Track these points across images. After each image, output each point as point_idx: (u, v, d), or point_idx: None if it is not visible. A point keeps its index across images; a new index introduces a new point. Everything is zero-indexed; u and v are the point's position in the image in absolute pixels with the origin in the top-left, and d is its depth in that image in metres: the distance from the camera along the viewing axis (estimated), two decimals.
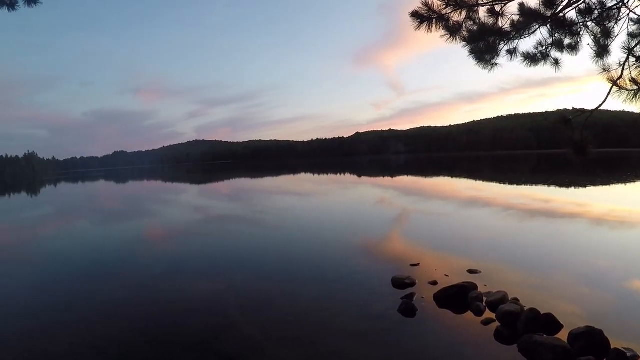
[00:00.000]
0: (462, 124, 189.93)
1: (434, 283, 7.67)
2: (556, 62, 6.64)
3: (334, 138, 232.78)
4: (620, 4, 5.99)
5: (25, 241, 15.66)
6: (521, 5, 6.14)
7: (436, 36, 6.21)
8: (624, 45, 5.70)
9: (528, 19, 6.15)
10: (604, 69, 5.92)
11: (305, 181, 41.56)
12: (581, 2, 6.06)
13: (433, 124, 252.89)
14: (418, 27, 6.03)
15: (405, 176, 42.19)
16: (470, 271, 8.26)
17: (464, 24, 6.24)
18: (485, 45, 6.39)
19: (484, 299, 6.64)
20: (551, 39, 6.52)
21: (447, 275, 8.05)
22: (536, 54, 6.62)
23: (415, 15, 6.01)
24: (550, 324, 5.62)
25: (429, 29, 6.03)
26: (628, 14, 5.96)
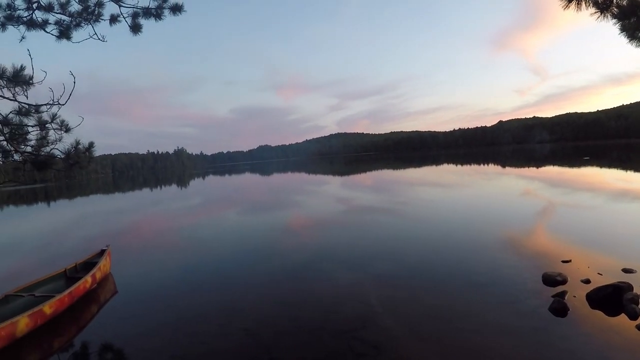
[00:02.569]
0: (610, 108, 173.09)
1: (587, 281, 7.25)
2: None
3: (476, 127, 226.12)
4: None
5: (178, 228, 17.10)
6: None
7: (577, 15, 5.83)
8: None
9: None
10: None
11: (447, 172, 40.51)
12: None
13: (579, 110, 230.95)
14: (567, 6, 5.68)
15: (551, 166, 39.25)
16: (625, 270, 7.63)
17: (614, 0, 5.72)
18: (636, 20, 5.80)
19: None
20: None
21: (600, 274, 7.54)
22: None
23: None
24: None
25: (578, 7, 5.61)
26: None
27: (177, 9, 6.68)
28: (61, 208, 34.72)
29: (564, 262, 8.43)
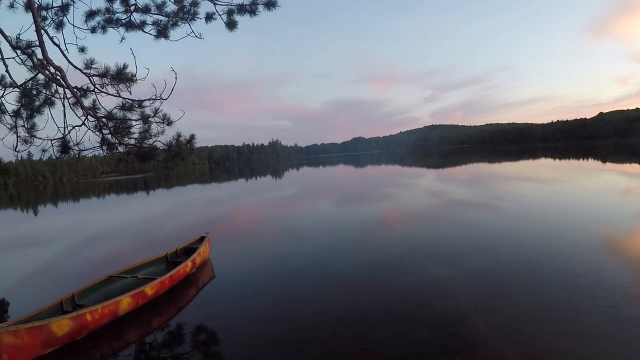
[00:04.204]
0: None
1: None
2: None
3: (575, 119, 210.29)
4: None
5: (273, 218, 17.59)
6: None
7: None
8: None
9: None
10: None
11: (545, 167, 38.41)
12: None
13: None
14: None
15: None
16: None
17: None
18: None
19: None
20: None
21: None
22: None
23: None
24: None
25: None
26: None
27: (271, 5, 6.76)
28: (161, 197, 36.83)
29: None
